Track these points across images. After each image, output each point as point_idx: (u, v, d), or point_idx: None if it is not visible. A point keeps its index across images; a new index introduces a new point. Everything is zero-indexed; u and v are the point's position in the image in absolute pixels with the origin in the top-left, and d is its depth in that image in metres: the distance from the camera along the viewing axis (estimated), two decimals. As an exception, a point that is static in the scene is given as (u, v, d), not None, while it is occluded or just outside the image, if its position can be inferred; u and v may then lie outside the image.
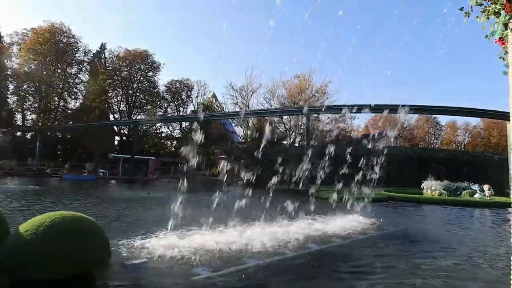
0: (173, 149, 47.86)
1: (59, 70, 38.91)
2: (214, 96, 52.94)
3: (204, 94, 51.10)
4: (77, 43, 39.26)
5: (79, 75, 40.91)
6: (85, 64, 41.41)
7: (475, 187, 17.92)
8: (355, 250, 5.74)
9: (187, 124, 50.75)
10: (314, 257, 5.07)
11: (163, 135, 48.30)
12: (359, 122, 63.10)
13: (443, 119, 64.25)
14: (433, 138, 64.06)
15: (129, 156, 31.40)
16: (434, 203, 15.86)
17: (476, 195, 17.50)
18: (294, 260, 4.84)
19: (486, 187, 17.65)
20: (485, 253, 5.83)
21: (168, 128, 49.54)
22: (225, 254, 4.88)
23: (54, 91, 38.36)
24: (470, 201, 16.19)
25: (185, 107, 49.93)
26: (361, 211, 9.61)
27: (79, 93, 40.63)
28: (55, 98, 38.82)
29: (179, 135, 49.02)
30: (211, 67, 71.36)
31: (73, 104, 42.18)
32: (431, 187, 18.98)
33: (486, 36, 2.31)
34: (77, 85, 40.52)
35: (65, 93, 39.44)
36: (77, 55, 40.12)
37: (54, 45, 37.31)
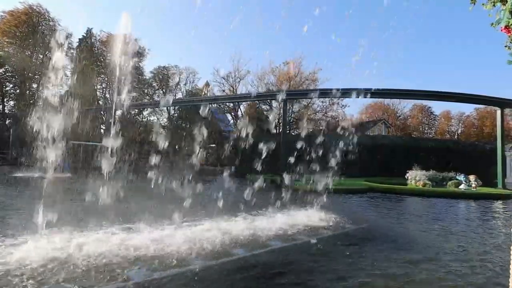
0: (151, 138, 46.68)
1: (40, 56, 37.31)
2: (207, 84, 51.65)
3: (193, 82, 49.82)
4: (56, 26, 37.48)
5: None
6: (64, 49, 39.72)
7: (461, 177, 17.00)
8: (290, 257, 4.70)
9: (174, 112, 49.71)
10: (231, 269, 4.03)
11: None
12: (352, 111, 61.99)
13: (437, 109, 63.51)
14: (426, 128, 63.31)
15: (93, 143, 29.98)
16: (416, 194, 14.95)
17: (462, 186, 16.62)
18: (197, 275, 3.78)
19: (472, 177, 16.73)
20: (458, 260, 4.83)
21: (156, 115, 48.50)
22: (108, 264, 3.82)
23: (32, 76, 36.81)
24: (455, 193, 15.28)
25: (173, 95, 48.61)
26: (324, 204, 8.59)
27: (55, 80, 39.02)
28: (33, 84, 37.29)
29: (167, 123, 47.91)
30: (198, 53, 69.25)
31: (54, 91, 40.59)
32: (415, 177, 18.07)
33: (492, 24, 2.24)
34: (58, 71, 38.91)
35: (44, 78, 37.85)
36: (55, 38, 38.35)
37: (31, 28, 35.56)
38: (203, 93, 49.78)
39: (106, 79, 42.78)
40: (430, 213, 9.98)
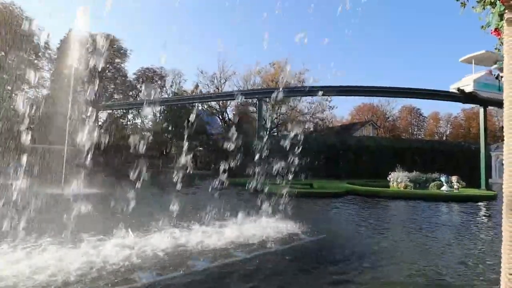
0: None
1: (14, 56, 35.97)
2: (197, 87, 50.87)
3: (179, 83, 48.91)
4: (30, 26, 36.18)
5: (35, 62, 37.95)
6: (41, 49, 38.45)
7: (443, 178, 16.31)
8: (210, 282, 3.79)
9: (160, 114, 48.74)
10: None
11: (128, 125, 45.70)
12: (342, 113, 61.62)
13: (426, 111, 63.78)
14: (416, 129, 63.29)
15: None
16: (395, 197, 14.16)
17: (444, 188, 15.93)
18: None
19: (454, 178, 16.05)
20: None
21: (140, 117, 47.42)
22: None
23: (8, 78, 35.46)
24: (436, 195, 14.55)
25: (159, 97, 47.56)
26: (291, 210, 7.69)
27: (31, 82, 37.71)
28: (7, 86, 35.89)
29: (151, 126, 46.77)
30: (183, 54, 68.25)
31: (31, 93, 39.32)
32: (397, 178, 17.33)
33: (482, 26, 2.29)
34: (32, 72, 37.56)
35: (19, 81, 36.54)
36: (31, 39, 37.05)
37: (3, 27, 34.27)
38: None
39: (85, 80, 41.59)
40: (400, 220, 9.18)
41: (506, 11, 2.02)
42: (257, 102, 20.70)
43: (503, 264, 1.88)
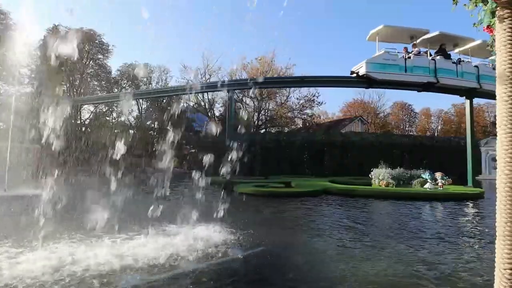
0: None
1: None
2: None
3: (165, 79, 47.60)
4: (4, 20, 34.59)
5: (12, 58, 36.34)
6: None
7: (426, 175, 15.40)
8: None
9: (145, 112, 47.57)
10: None
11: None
12: (334, 110, 60.81)
13: (417, 107, 63.27)
14: (407, 125, 62.87)
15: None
16: (372, 196, 13.22)
17: (427, 185, 15.03)
18: None
19: (438, 175, 15.12)
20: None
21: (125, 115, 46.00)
22: None
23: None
24: (417, 194, 13.60)
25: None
26: (232, 215, 6.69)
27: (11, 78, 36.17)
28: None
29: (134, 124, 45.48)
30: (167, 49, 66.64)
31: (10, 90, 37.79)
32: (379, 176, 16.42)
33: (474, 24, 2.31)
34: (9, 69, 36.04)
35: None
36: (7, 33, 35.45)
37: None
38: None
39: (71, 78, 40.18)
40: (366, 225, 8.19)
41: (498, 8, 2.02)
42: (228, 94, 19.45)
43: (497, 259, 1.94)
